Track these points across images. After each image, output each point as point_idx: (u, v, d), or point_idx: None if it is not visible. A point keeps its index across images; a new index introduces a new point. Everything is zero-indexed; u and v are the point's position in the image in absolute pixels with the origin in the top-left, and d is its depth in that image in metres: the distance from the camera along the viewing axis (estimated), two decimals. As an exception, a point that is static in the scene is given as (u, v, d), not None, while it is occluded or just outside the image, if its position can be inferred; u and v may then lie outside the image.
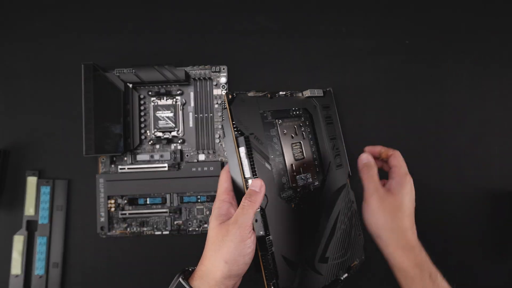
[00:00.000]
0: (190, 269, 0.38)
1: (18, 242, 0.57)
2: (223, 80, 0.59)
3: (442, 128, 0.60)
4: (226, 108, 0.41)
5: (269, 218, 0.41)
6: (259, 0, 0.62)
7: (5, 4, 0.61)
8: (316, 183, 0.50)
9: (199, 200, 0.58)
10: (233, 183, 0.42)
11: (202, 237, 0.56)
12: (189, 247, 0.58)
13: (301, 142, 0.50)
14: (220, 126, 0.59)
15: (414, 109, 0.61)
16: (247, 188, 0.40)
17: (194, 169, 0.58)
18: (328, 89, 0.56)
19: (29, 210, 0.58)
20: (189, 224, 0.58)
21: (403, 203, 0.41)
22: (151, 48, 0.61)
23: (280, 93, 0.49)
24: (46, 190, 0.58)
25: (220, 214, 0.38)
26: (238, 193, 0.42)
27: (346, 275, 0.50)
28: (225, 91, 0.59)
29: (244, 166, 0.40)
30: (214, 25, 0.61)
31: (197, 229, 0.58)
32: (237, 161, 0.41)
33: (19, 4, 0.61)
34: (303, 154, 0.49)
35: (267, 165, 0.42)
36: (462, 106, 0.61)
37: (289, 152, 0.47)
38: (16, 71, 0.61)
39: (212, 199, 0.58)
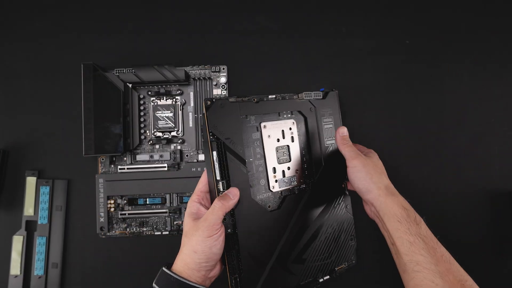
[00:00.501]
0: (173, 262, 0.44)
1: (17, 242, 0.57)
2: (223, 80, 0.59)
3: (442, 128, 0.60)
4: (204, 114, 0.43)
5: (239, 218, 0.43)
6: (259, 0, 0.62)
7: (5, 4, 0.61)
8: (303, 186, 0.50)
9: (199, 200, 0.58)
10: (210, 184, 0.45)
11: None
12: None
13: (289, 145, 0.50)
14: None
15: (414, 109, 0.61)
16: (217, 189, 0.43)
17: (194, 169, 0.58)
18: (334, 91, 0.55)
19: (28, 210, 0.58)
20: (189, 224, 0.58)
21: (379, 163, 0.49)
22: (151, 48, 0.61)
23: (270, 97, 0.49)
24: (45, 190, 0.58)
25: (191, 212, 0.43)
26: (213, 193, 0.44)
27: (327, 277, 0.50)
28: (225, 91, 0.59)
29: (216, 169, 0.43)
30: (214, 25, 0.61)
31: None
32: (211, 164, 0.43)
33: (19, 4, 0.61)
34: (289, 157, 0.50)
35: (242, 168, 0.44)
36: (462, 106, 0.61)
37: (272, 155, 0.48)
38: (16, 71, 0.61)
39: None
